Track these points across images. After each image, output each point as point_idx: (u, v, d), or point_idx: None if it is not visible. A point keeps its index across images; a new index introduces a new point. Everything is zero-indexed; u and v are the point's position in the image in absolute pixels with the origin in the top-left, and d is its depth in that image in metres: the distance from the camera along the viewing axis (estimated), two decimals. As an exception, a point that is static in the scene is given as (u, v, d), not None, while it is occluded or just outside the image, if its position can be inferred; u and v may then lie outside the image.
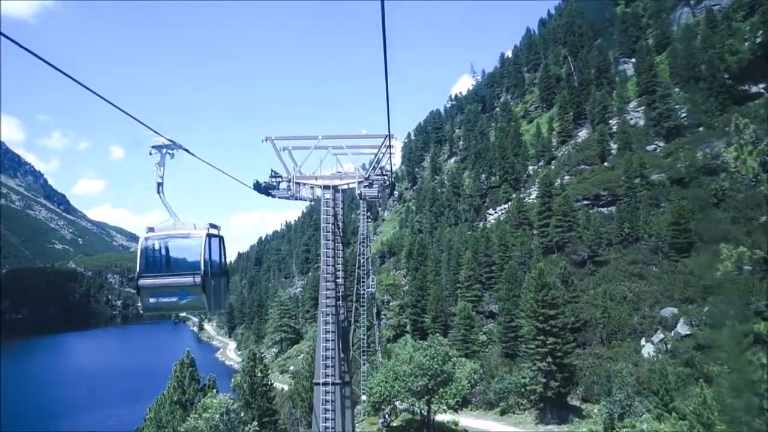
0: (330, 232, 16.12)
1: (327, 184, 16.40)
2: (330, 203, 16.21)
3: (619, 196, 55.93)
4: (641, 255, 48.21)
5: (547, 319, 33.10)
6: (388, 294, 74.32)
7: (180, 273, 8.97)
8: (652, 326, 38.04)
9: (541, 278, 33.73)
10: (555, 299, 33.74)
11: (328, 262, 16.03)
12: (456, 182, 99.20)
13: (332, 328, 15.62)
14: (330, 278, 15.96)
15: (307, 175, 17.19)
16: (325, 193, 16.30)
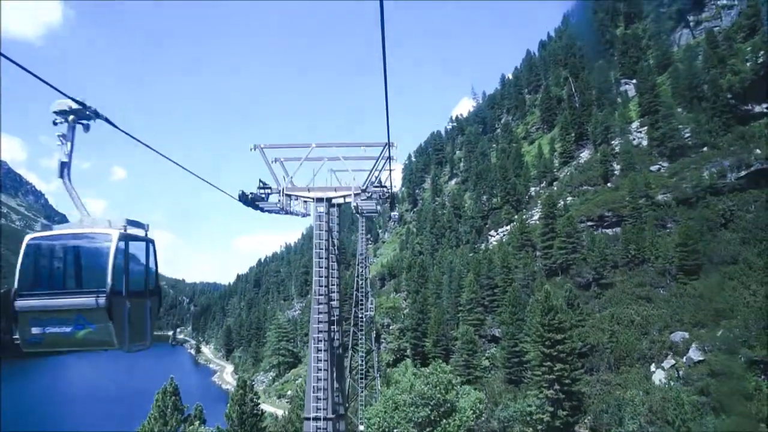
0: (323, 249, 14.75)
1: (320, 197, 15.14)
2: (323, 217, 14.92)
3: (623, 217, 54.77)
4: (648, 277, 46.83)
5: (554, 344, 31.67)
6: (388, 317, 72.87)
7: (76, 291, 6.28)
8: (662, 351, 36.52)
9: (547, 301, 32.39)
10: (562, 323, 32.33)
11: (321, 282, 14.66)
12: (457, 203, 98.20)
13: (324, 356, 14.13)
14: (323, 300, 14.52)
15: (299, 186, 15.99)
16: (317, 206, 15.05)
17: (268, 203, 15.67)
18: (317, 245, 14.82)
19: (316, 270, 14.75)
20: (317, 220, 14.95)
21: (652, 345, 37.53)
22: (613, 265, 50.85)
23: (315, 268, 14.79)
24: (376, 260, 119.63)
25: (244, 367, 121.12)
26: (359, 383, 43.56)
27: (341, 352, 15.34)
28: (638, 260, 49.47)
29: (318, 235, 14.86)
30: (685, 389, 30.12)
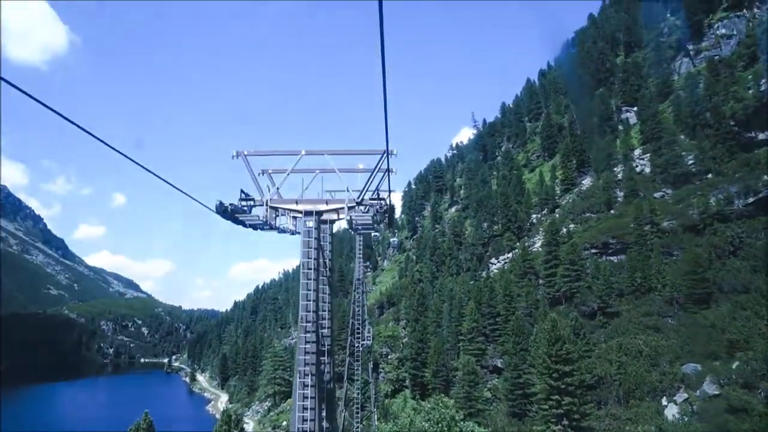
0: (311, 269, 13.20)
1: (309, 209, 13.71)
2: (312, 233, 13.45)
3: (628, 244, 53.39)
4: (655, 306, 45.22)
5: (562, 377, 30.01)
6: (387, 346, 70.98)
7: None
8: (673, 384, 34.75)
9: (554, 331, 30.81)
10: (570, 354, 30.71)
11: (309, 307, 13.05)
12: (457, 230, 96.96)
13: (312, 392, 12.47)
14: (310, 328, 12.91)
15: (287, 198, 14.54)
16: (306, 220, 13.59)
17: (251, 216, 14.20)
18: (305, 265, 13.34)
19: (304, 293, 13.24)
20: (306, 236, 13.50)
21: (663, 377, 35.75)
22: (619, 294, 49.30)
23: (302, 291, 13.24)
24: (375, 288, 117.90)
25: (239, 396, 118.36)
26: (355, 417, 41.47)
27: (332, 387, 13.70)
28: (644, 288, 47.97)
29: (306, 254, 13.41)
30: (701, 426, 28.40)
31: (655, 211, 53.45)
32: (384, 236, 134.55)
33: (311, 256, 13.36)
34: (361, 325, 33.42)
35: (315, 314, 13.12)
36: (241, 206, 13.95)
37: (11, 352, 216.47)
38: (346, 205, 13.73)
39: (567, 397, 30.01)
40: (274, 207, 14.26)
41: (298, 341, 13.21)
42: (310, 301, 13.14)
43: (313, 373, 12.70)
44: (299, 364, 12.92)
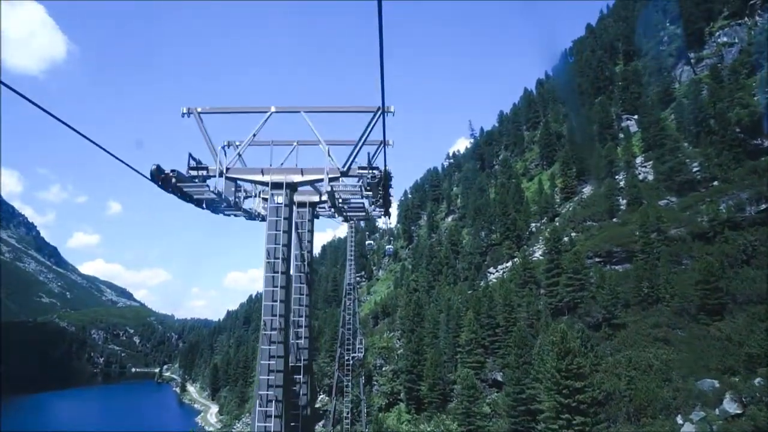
0: (279, 259, 10.40)
1: (278, 180, 10.69)
2: (282, 212, 10.51)
3: (634, 253, 51.23)
4: (664, 317, 42.87)
5: (573, 393, 27.64)
6: (381, 358, 68.43)
7: None
8: (688, 401, 32.30)
9: (563, 343, 28.48)
10: (581, 368, 28.36)
11: (274, 310, 10.29)
12: (454, 239, 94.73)
13: (276, 424, 9.69)
14: (276, 338, 10.25)
15: (251, 168, 11.40)
16: (275, 194, 10.62)
17: (202, 189, 11.12)
18: (270, 253, 10.35)
19: (268, 292, 10.32)
20: (273, 214, 10.51)
21: (677, 393, 33.31)
22: (625, 304, 46.98)
23: (266, 287, 10.29)
24: (370, 298, 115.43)
25: (229, 407, 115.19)
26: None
27: (308, 415, 11.16)
28: (652, 299, 45.69)
29: (272, 238, 10.37)
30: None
31: (661, 219, 51.39)
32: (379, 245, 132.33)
33: (279, 242, 10.50)
34: (352, 336, 30.37)
35: (283, 320, 10.47)
36: (189, 175, 11.00)
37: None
38: (326, 174, 10.68)
39: (578, 416, 27.63)
40: (233, 178, 11.40)
41: (259, 356, 10.50)
42: (276, 302, 10.36)
43: (279, 398, 9.98)
44: (260, 386, 10.12)
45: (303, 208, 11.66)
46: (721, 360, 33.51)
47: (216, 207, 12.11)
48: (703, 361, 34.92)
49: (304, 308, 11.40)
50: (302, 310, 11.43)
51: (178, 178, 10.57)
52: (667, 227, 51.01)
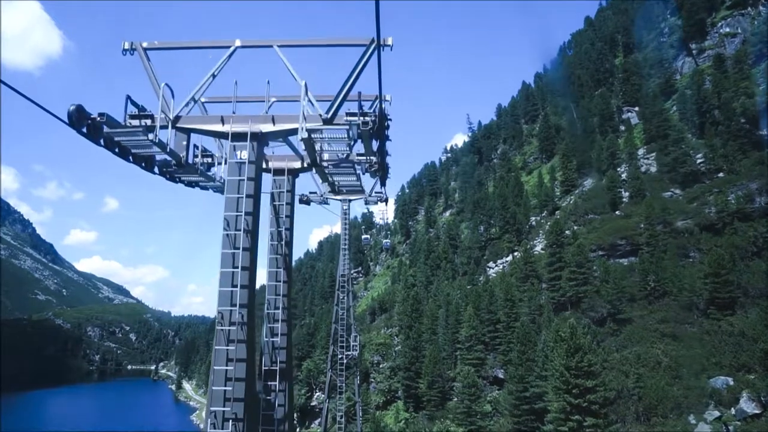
0: (242, 231, 8.22)
1: (241, 131, 8.46)
2: (245, 170, 8.39)
3: (639, 245, 49.68)
4: (672, 312, 41.33)
5: (583, 393, 26.02)
6: (378, 354, 66.87)
7: None
8: (701, 400, 30.78)
9: (573, 339, 26.83)
10: (592, 366, 26.72)
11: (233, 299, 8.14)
12: (453, 234, 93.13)
13: None
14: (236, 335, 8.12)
15: (210, 116, 9.20)
16: (238, 147, 8.46)
17: (140, 141, 8.59)
18: (230, 223, 8.17)
19: (225, 274, 8.17)
20: (234, 173, 8.37)
21: (688, 392, 31.77)
22: (630, 299, 45.38)
23: (222, 268, 8.14)
24: (367, 293, 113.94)
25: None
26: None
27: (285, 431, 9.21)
28: (658, 293, 44.13)
29: (233, 204, 8.22)
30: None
31: (668, 210, 49.81)
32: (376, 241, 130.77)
33: (242, 209, 8.25)
34: (345, 332, 28.19)
35: (246, 312, 8.26)
36: (127, 123, 8.50)
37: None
38: (302, 124, 8.18)
39: (590, 417, 26.01)
40: (185, 129, 9.01)
41: (213, 357, 8.22)
42: (236, 287, 8.11)
43: (239, 416, 7.72)
44: (212, 401, 7.92)
45: (281, 176, 9.81)
46: (735, 357, 31.99)
47: (172, 172, 10.01)
48: (715, 357, 33.40)
49: (281, 298, 9.55)
50: (279, 301, 9.58)
51: (109, 124, 8.21)
52: (673, 219, 49.47)
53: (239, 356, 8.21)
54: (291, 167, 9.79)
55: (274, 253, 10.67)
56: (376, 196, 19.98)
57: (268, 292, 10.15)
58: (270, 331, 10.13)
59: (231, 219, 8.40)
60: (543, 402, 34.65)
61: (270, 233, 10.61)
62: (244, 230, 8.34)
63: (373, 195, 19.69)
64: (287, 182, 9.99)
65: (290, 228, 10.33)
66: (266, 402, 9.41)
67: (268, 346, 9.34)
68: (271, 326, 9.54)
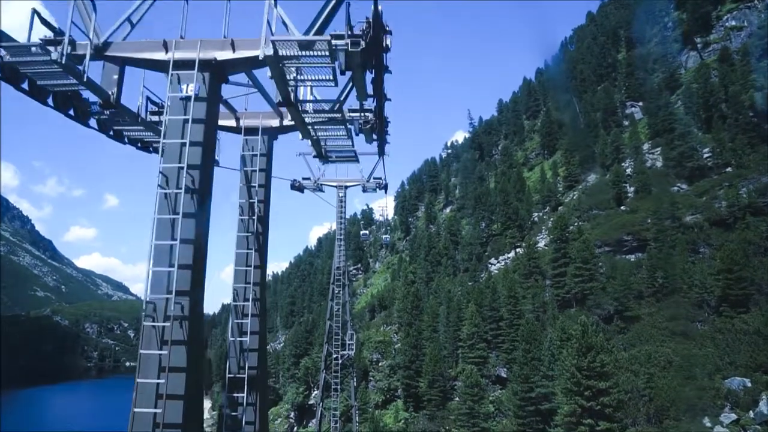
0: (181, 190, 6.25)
1: (188, 58, 6.56)
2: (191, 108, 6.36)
3: (647, 241, 48.22)
4: (682, 309, 39.87)
5: (596, 395, 24.57)
6: (378, 352, 65.47)
7: None
8: (716, 402, 29.36)
9: (585, 338, 25.38)
10: (605, 367, 25.25)
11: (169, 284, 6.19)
12: (453, 229, 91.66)
13: None
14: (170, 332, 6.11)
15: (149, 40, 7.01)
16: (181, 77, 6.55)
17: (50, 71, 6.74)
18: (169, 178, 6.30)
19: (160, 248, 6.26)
20: (177, 110, 6.37)
21: (702, 393, 30.32)
22: (638, 295, 43.98)
23: (156, 239, 6.18)
24: (366, 290, 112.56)
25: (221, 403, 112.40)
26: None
27: None
28: (667, 290, 42.67)
29: (172, 153, 6.36)
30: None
31: (676, 205, 48.35)
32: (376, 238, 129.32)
33: (184, 159, 6.29)
34: (341, 330, 26.09)
35: (190, 303, 6.22)
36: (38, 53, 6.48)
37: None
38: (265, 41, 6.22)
39: (603, 421, 24.56)
40: (117, 58, 6.91)
41: (139, 365, 6.15)
42: (172, 268, 6.06)
43: None
44: (132, 425, 6.17)
45: (253, 136, 8.21)
46: (751, 356, 30.56)
47: (101, 120, 8.08)
48: (729, 357, 31.97)
49: (251, 288, 7.90)
50: (249, 291, 7.92)
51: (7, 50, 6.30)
52: (681, 214, 48.03)
53: (177, 363, 6.34)
54: (268, 126, 8.16)
55: (245, 231, 8.63)
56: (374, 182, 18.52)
57: (235, 280, 8.21)
58: (238, 328, 8.03)
59: (169, 173, 6.45)
60: (549, 403, 33.27)
61: (240, 206, 8.72)
62: (190, 190, 6.35)
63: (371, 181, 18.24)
64: (262, 144, 8.31)
65: (265, 200, 8.62)
66: (231, 419, 7.73)
67: (235, 348, 7.68)
68: (239, 322, 7.83)
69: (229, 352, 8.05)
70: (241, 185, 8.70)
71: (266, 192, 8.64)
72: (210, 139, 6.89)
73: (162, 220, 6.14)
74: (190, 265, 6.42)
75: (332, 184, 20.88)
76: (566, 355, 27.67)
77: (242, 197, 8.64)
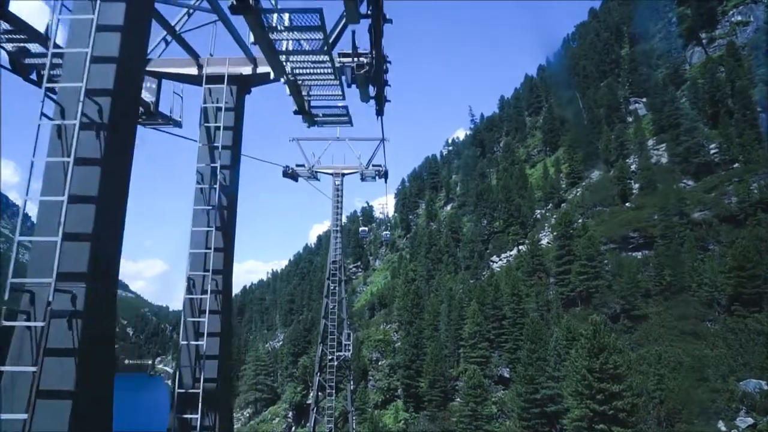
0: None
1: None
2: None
3: (654, 238, 46.98)
4: (692, 308, 38.67)
5: (608, 399, 23.32)
6: (377, 351, 64.24)
7: None
8: (730, 405, 28.17)
9: (596, 338, 24.13)
10: (618, 369, 23.97)
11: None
12: (455, 227, 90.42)
13: None
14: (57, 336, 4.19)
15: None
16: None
17: None
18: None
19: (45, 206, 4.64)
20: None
21: (715, 395, 29.13)
22: (645, 294, 42.73)
23: (43, 194, 4.59)
24: (366, 288, 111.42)
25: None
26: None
27: None
28: (676, 288, 41.41)
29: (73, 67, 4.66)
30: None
31: (684, 201, 47.07)
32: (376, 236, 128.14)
33: (83, 77, 4.54)
34: (336, 329, 23.98)
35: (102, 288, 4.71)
36: None
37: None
38: None
39: (617, 426, 23.31)
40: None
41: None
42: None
43: None
44: None
45: (217, 85, 6.91)
46: (767, 357, 29.35)
47: None
48: (743, 358, 30.78)
49: (209, 277, 6.45)
50: (208, 281, 6.33)
51: None
52: (689, 210, 46.76)
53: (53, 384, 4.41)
54: (237, 73, 6.84)
55: (204, 203, 6.97)
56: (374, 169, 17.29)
57: (191, 265, 6.64)
58: (193, 329, 6.52)
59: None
60: (556, 405, 32.05)
61: (198, 172, 7.06)
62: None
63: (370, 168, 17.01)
64: (229, 95, 6.99)
65: (232, 167, 7.12)
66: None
67: (189, 354, 6.31)
68: (194, 321, 6.49)
69: (179, 360, 6.58)
70: (201, 145, 7.08)
71: (234, 156, 7.18)
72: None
73: (50, 168, 4.66)
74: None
75: (328, 172, 19.39)
76: (576, 356, 26.43)
77: (201, 161, 7.08)
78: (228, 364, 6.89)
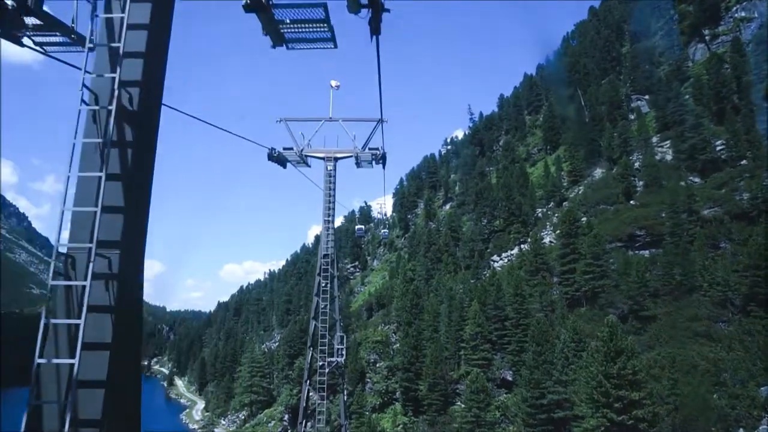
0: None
1: None
2: None
3: (662, 236, 45.43)
4: (704, 308, 37.09)
5: (627, 407, 21.70)
6: (375, 353, 62.60)
7: None
8: (751, 412, 26.55)
9: (613, 341, 22.49)
10: (637, 374, 22.33)
11: None
12: (454, 226, 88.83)
13: None
14: None
15: None
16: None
17: None
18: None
19: None
20: None
21: (735, 402, 27.52)
22: (654, 294, 41.13)
23: None
24: (364, 289, 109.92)
25: (217, 403, 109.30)
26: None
27: None
28: (686, 287, 39.84)
29: None
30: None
31: (693, 197, 45.52)
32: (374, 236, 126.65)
33: None
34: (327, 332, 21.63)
35: None
36: None
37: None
38: None
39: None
40: None
41: None
42: None
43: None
44: None
45: None
46: (789, 361, 27.78)
47: None
48: (762, 362, 29.14)
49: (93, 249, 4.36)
50: (92, 254, 4.34)
51: None
52: (699, 207, 45.21)
53: None
54: None
55: (96, 135, 4.72)
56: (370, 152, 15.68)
57: (71, 236, 4.74)
58: (67, 334, 4.60)
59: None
60: (564, 411, 30.42)
61: (84, 87, 4.74)
62: None
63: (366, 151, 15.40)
64: None
65: (148, 86, 5.04)
66: None
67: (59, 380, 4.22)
68: (63, 323, 4.45)
69: (37, 386, 4.44)
70: (90, 47, 4.94)
71: (153, 71, 5.14)
72: None
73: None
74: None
75: (319, 155, 17.37)
76: (589, 360, 24.78)
77: (95, 68, 4.91)
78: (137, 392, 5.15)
